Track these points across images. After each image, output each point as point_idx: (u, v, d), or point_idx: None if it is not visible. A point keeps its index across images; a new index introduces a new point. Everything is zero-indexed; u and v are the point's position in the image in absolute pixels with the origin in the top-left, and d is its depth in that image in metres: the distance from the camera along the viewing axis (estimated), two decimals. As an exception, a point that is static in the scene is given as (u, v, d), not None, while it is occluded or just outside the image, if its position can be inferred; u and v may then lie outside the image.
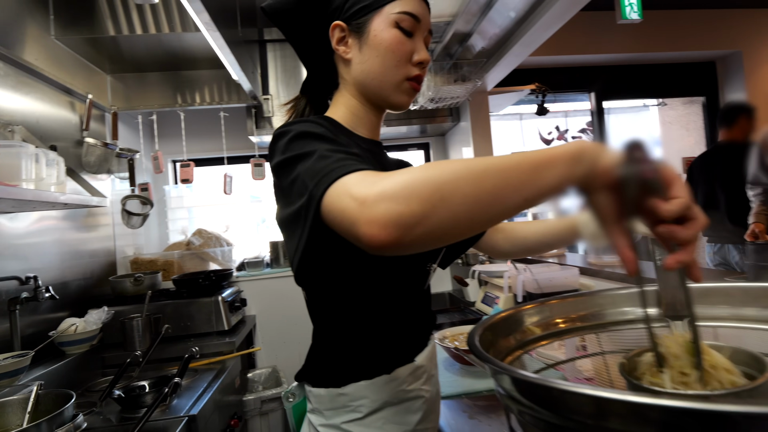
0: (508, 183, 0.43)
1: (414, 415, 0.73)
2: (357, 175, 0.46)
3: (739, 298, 0.60)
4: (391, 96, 0.73)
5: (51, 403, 0.91)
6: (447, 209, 0.42)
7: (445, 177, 0.42)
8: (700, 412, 0.27)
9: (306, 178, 0.51)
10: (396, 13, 0.69)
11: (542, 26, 1.71)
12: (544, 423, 0.39)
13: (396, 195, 0.41)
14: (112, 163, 2.14)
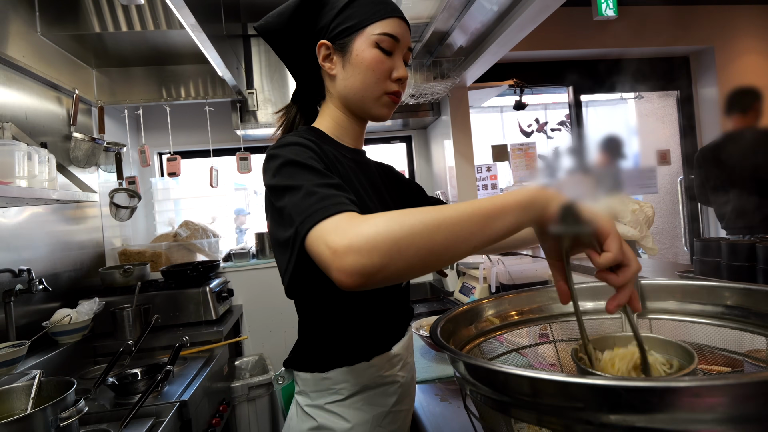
0: (459, 236, 0.51)
1: (390, 398, 0.81)
2: (333, 221, 0.53)
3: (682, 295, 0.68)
4: (372, 109, 0.80)
5: (53, 389, 0.97)
6: (403, 260, 0.50)
7: (403, 232, 0.49)
8: (592, 386, 0.36)
9: (293, 213, 0.58)
10: (376, 34, 0.76)
11: (520, 24, 1.77)
12: (491, 400, 0.48)
13: (360, 249, 0.49)
14: (99, 157, 2.16)
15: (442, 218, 0.51)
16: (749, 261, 0.92)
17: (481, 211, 0.52)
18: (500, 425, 0.52)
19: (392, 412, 0.81)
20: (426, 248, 0.50)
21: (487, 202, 0.53)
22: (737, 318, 0.57)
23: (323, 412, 0.77)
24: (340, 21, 0.77)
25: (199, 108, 2.66)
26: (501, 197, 0.53)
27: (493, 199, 0.53)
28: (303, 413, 0.80)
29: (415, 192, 1.00)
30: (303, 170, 0.63)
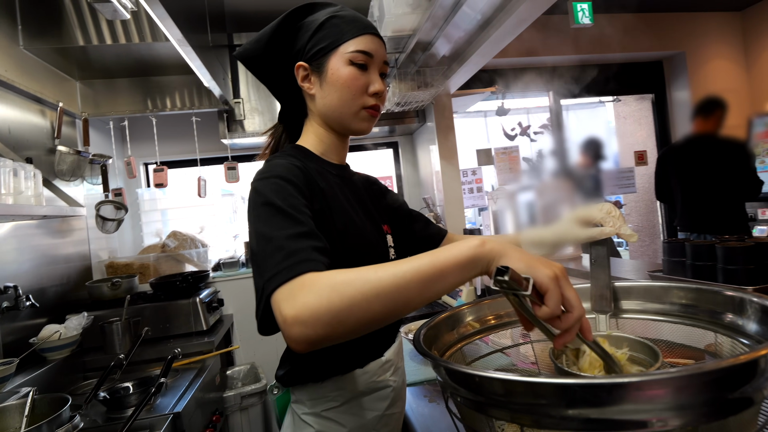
0: (398, 303, 0.54)
1: (383, 402, 0.85)
2: (288, 288, 0.56)
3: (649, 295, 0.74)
4: (352, 124, 0.84)
5: (46, 406, 0.98)
6: (344, 329, 0.54)
7: (343, 305, 0.53)
8: (552, 384, 0.40)
9: (262, 266, 0.61)
10: (350, 51, 0.79)
11: (501, 34, 1.84)
12: (469, 401, 0.52)
13: (305, 321, 0.52)
14: (84, 170, 2.17)
15: (380, 288, 0.53)
16: (710, 260, 0.99)
17: (420, 276, 0.54)
18: (479, 424, 0.56)
19: (386, 415, 0.85)
20: (365, 317, 0.54)
21: (427, 265, 0.54)
22: (690, 315, 0.63)
23: (320, 419, 0.81)
24: (314, 42, 0.81)
25: (185, 118, 2.67)
26: (441, 257, 0.55)
27: (434, 260, 0.55)
28: (300, 421, 0.83)
29: (398, 207, 1.03)
30: (278, 216, 0.65)
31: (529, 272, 0.51)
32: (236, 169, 2.63)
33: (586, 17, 3.14)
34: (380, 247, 0.87)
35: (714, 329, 0.61)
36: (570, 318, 0.51)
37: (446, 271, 0.54)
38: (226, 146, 2.74)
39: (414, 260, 0.56)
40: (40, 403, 0.98)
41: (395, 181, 3.45)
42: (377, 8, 1.86)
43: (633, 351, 0.64)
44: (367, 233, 0.84)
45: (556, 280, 0.51)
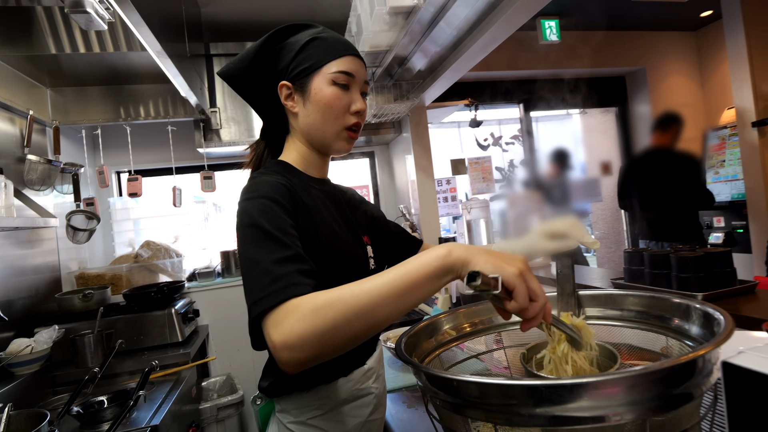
0: (377, 319, 0.58)
1: (366, 409, 0.88)
2: (276, 315, 0.59)
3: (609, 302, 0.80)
4: (333, 144, 0.87)
5: (22, 422, 0.97)
6: (330, 348, 0.58)
7: (326, 327, 0.56)
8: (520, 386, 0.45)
9: (249, 288, 0.64)
10: (333, 72, 0.82)
11: (474, 51, 1.92)
12: (447, 403, 0.56)
13: (293, 346, 0.56)
14: (55, 179, 2.12)
15: (359, 307, 0.57)
16: (665, 269, 1.07)
17: (394, 291, 0.58)
18: (456, 425, 0.61)
19: (368, 421, 0.88)
20: (349, 336, 0.58)
21: (399, 280, 0.58)
22: (644, 320, 0.70)
23: (306, 427, 0.83)
24: (298, 62, 0.83)
25: (159, 126, 2.64)
26: (412, 271, 0.58)
27: (405, 274, 0.58)
28: (286, 430, 0.85)
29: (376, 218, 1.07)
30: (265, 239, 0.67)
31: (497, 272, 0.55)
32: (212, 179, 2.62)
33: (554, 34, 3.30)
34: (361, 259, 0.91)
35: (665, 333, 0.67)
36: (535, 307, 0.56)
37: (418, 283, 0.58)
38: (201, 155, 2.73)
39: (386, 275, 0.59)
40: (16, 419, 0.96)
41: (371, 190, 3.50)
42: (355, 24, 1.91)
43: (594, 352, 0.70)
44: (350, 245, 0.88)
45: (521, 276, 0.55)
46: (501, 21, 1.65)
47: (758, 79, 3.12)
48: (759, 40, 3.17)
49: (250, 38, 2.74)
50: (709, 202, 2.85)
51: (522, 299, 0.55)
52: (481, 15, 1.74)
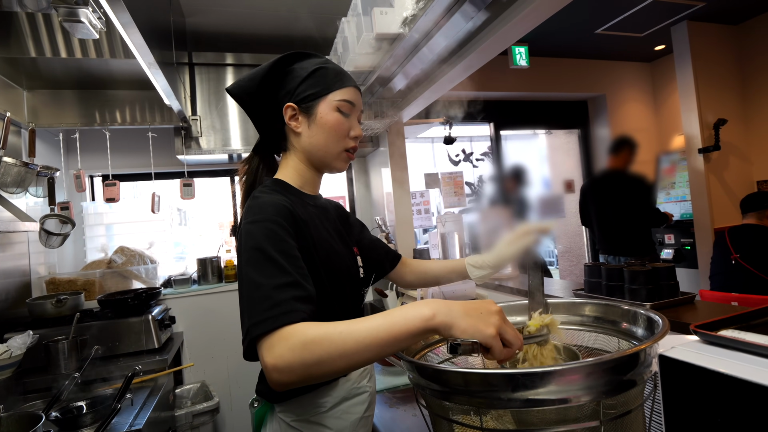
0: (358, 362, 0.65)
1: (362, 405, 0.96)
2: (270, 341, 0.66)
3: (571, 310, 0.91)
4: (332, 163, 0.96)
5: (14, 424, 0.99)
6: (314, 378, 0.65)
7: (313, 360, 0.63)
8: (500, 374, 0.55)
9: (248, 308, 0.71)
10: (337, 100, 0.91)
11: (451, 76, 2.06)
12: (436, 392, 0.65)
13: (282, 370, 0.64)
14: (30, 183, 2.09)
15: (343, 350, 0.64)
16: (619, 281, 1.21)
17: (377, 341, 0.64)
18: (443, 411, 0.70)
19: (364, 417, 0.96)
20: (330, 371, 0.65)
21: (384, 332, 0.64)
22: (600, 325, 0.82)
23: (308, 425, 0.90)
24: (305, 87, 0.91)
25: (136, 132, 2.64)
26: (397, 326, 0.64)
27: (390, 328, 0.64)
28: (288, 427, 0.90)
29: (361, 230, 1.19)
30: (267, 263, 0.74)
31: (476, 336, 0.61)
32: (192, 186, 2.63)
33: (523, 60, 3.52)
34: (353, 269, 1.00)
35: (617, 335, 0.79)
36: (510, 352, 0.63)
37: (400, 338, 0.64)
38: (179, 161, 2.74)
39: (372, 322, 0.65)
40: (8, 421, 0.98)
41: (348, 201, 3.58)
42: (341, 45, 2.01)
43: (559, 355, 0.82)
44: (344, 257, 0.97)
45: (496, 337, 0.61)
46: (478, 50, 1.79)
47: (704, 110, 3.43)
48: (706, 74, 3.49)
49: (232, 49, 2.79)
50: (661, 221, 3.09)
51: (498, 355, 0.62)
52: (461, 43, 1.87)
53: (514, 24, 1.53)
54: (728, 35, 3.63)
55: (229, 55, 2.80)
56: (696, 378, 0.54)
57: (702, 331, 0.63)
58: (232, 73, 2.80)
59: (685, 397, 0.55)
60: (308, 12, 2.53)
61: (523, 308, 0.93)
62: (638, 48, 3.98)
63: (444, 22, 1.55)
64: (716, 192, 3.50)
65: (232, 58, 2.80)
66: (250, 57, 2.82)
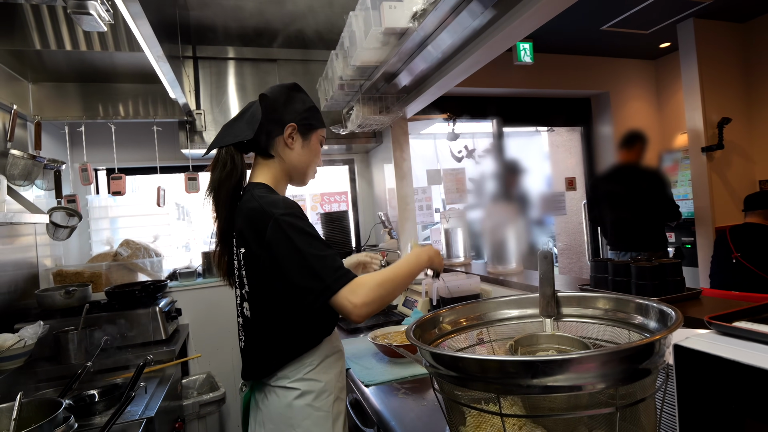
0: (402, 288, 1.06)
1: (340, 361, 1.17)
2: (350, 286, 0.96)
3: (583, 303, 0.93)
4: (305, 179, 1.24)
5: (34, 410, 1.00)
6: (381, 306, 1.01)
7: (384, 292, 1.00)
8: (521, 361, 0.57)
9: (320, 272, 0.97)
10: (321, 135, 1.23)
11: (457, 72, 2.06)
12: (450, 377, 0.67)
13: (369, 304, 0.97)
14: (37, 175, 2.09)
15: (396, 280, 1.05)
16: (626, 276, 1.23)
17: (410, 273, 1.10)
18: (456, 396, 0.72)
19: (341, 371, 1.17)
20: (390, 297, 1.03)
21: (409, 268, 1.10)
22: (611, 318, 0.83)
23: (303, 382, 1.07)
24: (306, 116, 1.17)
25: (140, 126, 2.64)
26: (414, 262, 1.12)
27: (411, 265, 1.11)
28: (285, 390, 1.07)
29: None
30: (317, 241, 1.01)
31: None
32: (197, 180, 2.64)
33: (527, 56, 3.52)
34: None
35: (628, 328, 0.81)
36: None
37: (418, 269, 1.14)
38: (183, 155, 2.74)
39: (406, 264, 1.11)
40: (27, 407, 0.99)
41: (350, 197, 3.59)
42: (348, 39, 2.02)
43: (570, 347, 0.83)
44: None
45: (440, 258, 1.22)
46: (484, 47, 1.80)
47: (708, 108, 3.44)
48: (711, 72, 3.50)
49: (236, 43, 2.79)
50: (675, 215, 3.05)
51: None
52: (465, 41, 1.88)
53: (520, 22, 1.54)
54: (734, 33, 3.63)
55: (230, 49, 2.80)
56: (711, 367, 0.55)
57: (717, 322, 0.64)
58: (233, 68, 2.80)
59: (700, 386, 0.57)
60: (314, 6, 2.53)
61: (531, 302, 0.95)
62: (643, 45, 3.98)
63: (451, 20, 1.56)
64: (718, 191, 3.51)
65: (234, 52, 2.80)
66: (251, 51, 2.82)
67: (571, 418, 0.68)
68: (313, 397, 1.07)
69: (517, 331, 0.94)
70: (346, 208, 3.53)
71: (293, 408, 1.06)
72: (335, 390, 1.11)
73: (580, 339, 0.83)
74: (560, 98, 4.33)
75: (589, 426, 0.72)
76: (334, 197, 3.56)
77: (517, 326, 0.95)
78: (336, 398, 1.11)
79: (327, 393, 1.09)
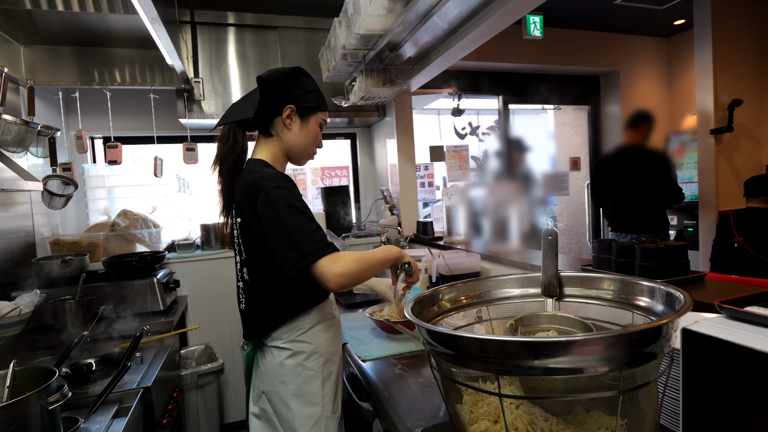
0: (376, 267, 1.12)
1: (332, 327, 1.23)
2: (329, 258, 1.01)
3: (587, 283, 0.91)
4: (302, 159, 1.27)
5: (27, 378, 0.99)
6: (357, 281, 1.07)
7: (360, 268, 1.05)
8: (524, 342, 0.55)
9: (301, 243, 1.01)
10: (321, 118, 1.24)
11: (464, 44, 1.99)
12: (448, 356, 0.65)
13: (347, 275, 1.01)
14: (30, 142, 2.05)
15: (371, 263, 1.10)
16: (630, 258, 1.20)
17: (381, 259, 1.15)
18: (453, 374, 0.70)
19: (334, 337, 1.23)
20: (364, 276, 1.07)
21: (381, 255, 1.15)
22: (615, 299, 0.81)
23: (294, 343, 1.15)
24: (305, 99, 1.20)
25: (138, 93, 2.58)
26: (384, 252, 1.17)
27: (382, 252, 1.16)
28: (278, 350, 1.15)
29: None
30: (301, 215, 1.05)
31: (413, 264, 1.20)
32: (195, 150, 2.59)
33: (537, 30, 3.40)
34: None
35: (632, 310, 0.79)
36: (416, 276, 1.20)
37: (389, 260, 1.18)
38: (181, 125, 2.69)
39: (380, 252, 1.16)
40: (21, 375, 0.99)
41: (351, 171, 3.55)
42: (352, 5, 1.93)
43: (572, 328, 0.81)
44: None
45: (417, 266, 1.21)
46: (493, 17, 1.72)
47: (720, 89, 3.35)
48: (725, 52, 3.39)
49: (235, 8, 2.69)
50: (679, 198, 3.01)
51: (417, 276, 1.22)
52: (475, 10, 1.80)
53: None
54: (751, 11, 3.50)
55: (231, 15, 2.70)
56: (720, 353, 0.53)
57: (729, 306, 0.62)
58: (233, 34, 2.71)
59: (707, 372, 0.55)
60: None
61: (533, 281, 0.93)
62: (656, 22, 3.85)
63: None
64: (724, 174, 3.45)
65: (234, 18, 2.70)
66: (252, 17, 2.72)
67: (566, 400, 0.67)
68: (304, 358, 1.14)
69: (518, 310, 0.93)
70: (347, 183, 3.49)
71: (285, 367, 1.14)
72: (326, 353, 1.18)
73: (582, 320, 0.81)
74: (568, 75, 4.22)
75: (586, 407, 0.70)
76: (335, 171, 3.52)
77: (518, 305, 0.93)
78: (327, 360, 1.17)
79: (318, 355, 1.16)
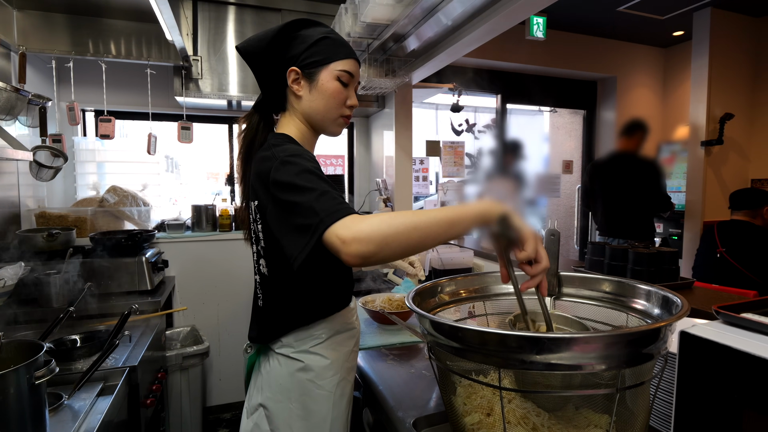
0: (429, 236, 0.71)
1: (352, 340, 1.05)
2: (343, 222, 0.71)
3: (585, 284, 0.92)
4: (329, 128, 1.01)
5: (13, 351, 0.98)
6: (390, 249, 0.70)
7: (390, 231, 0.69)
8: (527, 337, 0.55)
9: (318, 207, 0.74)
10: (338, 70, 0.96)
11: (468, 40, 1.99)
12: (449, 347, 0.66)
13: (362, 240, 0.69)
14: (20, 110, 1.99)
15: (417, 222, 0.70)
16: (623, 261, 1.23)
17: (446, 219, 0.72)
18: (451, 366, 0.71)
19: (353, 351, 1.06)
20: (405, 243, 0.70)
21: (450, 212, 0.72)
22: (611, 301, 0.83)
23: (307, 355, 0.98)
24: (309, 54, 0.95)
25: (133, 68, 2.52)
26: (461, 208, 0.73)
27: (455, 209, 0.73)
28: (288, 360, 0.98)
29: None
30: (319, 180, 0.80)
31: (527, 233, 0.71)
32: (190, 129, 2.55)
33: (540, 31, 3.41)
34: None
35: (627, 312, 0.80)
36: (539, 267, 0.71)
37: (465, 219, 0.72)
38: (178, 103, 2.64)
39: (439, 209, 0.74)
40: (8, 348, 0.97)
41: (347, 160, 3.53)
42: (359, -7, 1.91)
43: (567, 326, 0.83)
44: None
45: (535, 237, 0.70)
46: (499, 17, 1.72)
47: (713, 102, 3.41)
48: (720, 66, 3.44)
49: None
50: (667, 207, 3.07)
51: (531, 249, 0.70)
52: (480, 8, 1.80)
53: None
54: (748, 27, 3.56)
55: (232, -7, 2.65)
56: (716, 356, 0.55)
57: (726, 312, 0.64)
58: (234, 14, 2.66)
59: (701, 375, 0.56)
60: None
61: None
62: (656, 31, 3.89)
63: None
64: (711, 186, 3.53)
65: (236, -5, 2.65)
66: (254, -5, 2.68)
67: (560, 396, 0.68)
68: (316, 374, 0.97)
69: (515, 306, 0.94)
70: (342, 172, 3.48)
71: (294, 380, 0.98)
72: (342, 370, 1.01)
73: (578, 319, 0.83)
74: (567, 78, 4.25)
75: (576, 404, 0.72)
76: (330, 160, 3.50)
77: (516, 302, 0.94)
78: (342, 379, 1.00)
79: (332, 372, 0.99)
